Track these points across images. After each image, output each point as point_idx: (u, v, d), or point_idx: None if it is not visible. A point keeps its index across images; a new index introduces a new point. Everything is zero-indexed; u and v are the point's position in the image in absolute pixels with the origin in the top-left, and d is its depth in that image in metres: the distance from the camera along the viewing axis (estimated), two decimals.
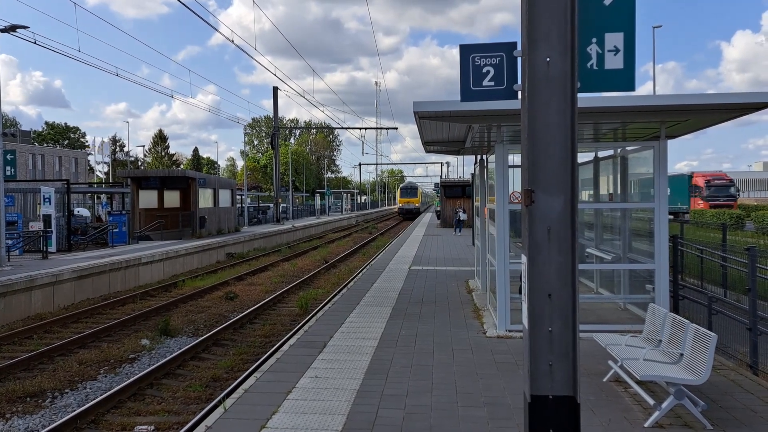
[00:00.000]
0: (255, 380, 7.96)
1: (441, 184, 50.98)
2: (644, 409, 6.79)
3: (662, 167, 10.11)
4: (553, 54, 4.23)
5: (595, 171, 13.86)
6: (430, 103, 9.95)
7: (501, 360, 8.88)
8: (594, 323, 10.43)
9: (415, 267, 20.33)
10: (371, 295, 14.44)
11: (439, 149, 18.30)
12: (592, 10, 4.45)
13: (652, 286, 10.43)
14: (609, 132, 12.16)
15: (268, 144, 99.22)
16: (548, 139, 4.32)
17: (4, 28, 19.17)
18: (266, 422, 6.46)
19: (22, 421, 8.99)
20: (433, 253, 25.54)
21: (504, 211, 10.42)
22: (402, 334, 10.51)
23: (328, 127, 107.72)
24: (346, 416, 6.65)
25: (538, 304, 4.48)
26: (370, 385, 7.74)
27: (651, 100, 10.18)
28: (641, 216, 12.09)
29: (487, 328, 10.79)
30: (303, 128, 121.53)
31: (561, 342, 4.50)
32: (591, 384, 7.59)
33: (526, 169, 4.38)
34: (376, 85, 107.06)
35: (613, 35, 4.48)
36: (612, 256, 12.92)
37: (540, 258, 4.43)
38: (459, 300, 13.95)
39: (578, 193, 4.43)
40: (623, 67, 4.53)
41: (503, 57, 4.90)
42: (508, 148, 10.62)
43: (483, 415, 6.72)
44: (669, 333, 7.48)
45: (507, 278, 10.36)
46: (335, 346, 9.64)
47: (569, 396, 4.47)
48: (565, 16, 4.22)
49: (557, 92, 4.26)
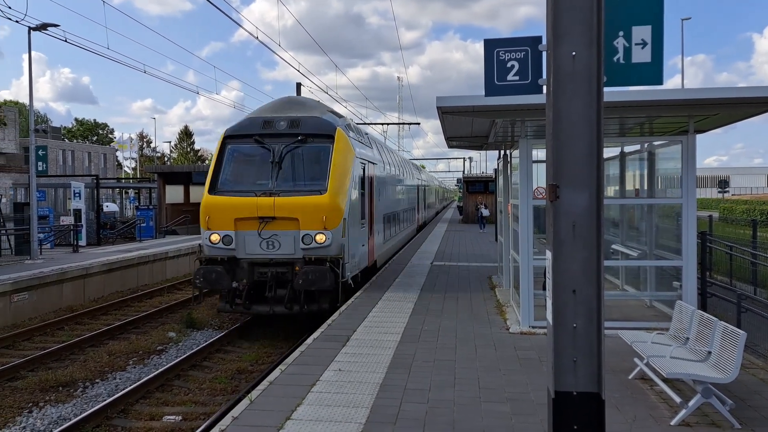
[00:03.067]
0: (280, 372, 8.04)
1: (463, 179, 50.79)
2: (670, 407, 6.72)
3: (691, 162, 9.95)
4: (579, 48, 4.21)
5: (622, 166, 13.70)
6: (453, 98, 9.93)
7: (524, 356, 8.84)
8: (619, 320, 10.33)
9: (437, 263, 20.31)
10: (394, 290, 14.47)
11: (461, 144, 18.23)
12: (619, 2, 4.41)
13: (679, 283, 10.28)
14: (635, 127, 12.00)
15: None
16: (573, 133, 4.29)
17: (36, 26, 19.53)
18: (291, 414, 6.53)
19: (55, 409, 9.21)
20: (456, 248, 25.48)
21: (528, 207, 10.36)
22: (424, 329, 10.53)
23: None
24: (369, 409, 6.69)
25: (562, 300, 4.46)
26: (393, 379, 7.77)
27: (679, 94, 10.03)
28: (668, 212, 11.93)
29: (510, 324, 10.75)
30: None
31: (585, 338, 4.48)
32: (616, 381, 7.53)
33: (551, 164, 4.36)
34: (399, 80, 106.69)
35: (641, 28, 4.43)
36: (638, 252, 12.77)
37: (565, 253, 4.41)
38: (482, 296, 13.91)
39: (603, 188, 4.40)
40: (651, 60, 4.48)
41: (528, 51, 4.88)
42: (532, 143, 10.55)
43: (506, 410, 6.71)
44: (696, 330, 7.39)
45: (530, 274, 10.31)
46: (358, 340, 9.70)
47: (594, 392, 4.46)
48: (591, 10, 4.19)
49: (583, 86, 4.23)
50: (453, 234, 33.72)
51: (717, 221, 24.06)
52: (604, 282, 4.54)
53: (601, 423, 4.45)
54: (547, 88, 4.34)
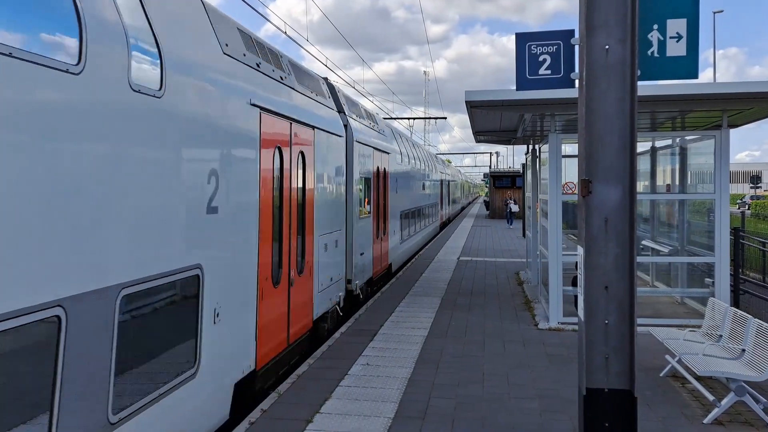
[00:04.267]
0: (308, 366, 8.10)
1: (490, 174, 50.50)
2: (702, 405, 6.62)
3: (724, 157, 9.78)
4: (612, 41, 4.16)
5: (652, 161, 13.50)
6: (481, 92, 9.88)
7: (553, 352, 8.78)
8: (650, 317, 10.22)
9: (463, 258, 20.25)
10: (420, 285, 14.46)
11: (489, 139, 18.13)
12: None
13: (712, 279, 10.12)
14: (667, 121, 11.82)
15: None
16: (606, 128, 4.25)
17: None
18: (320, 408, 6.58)
19: None
20: (482, 244, 25.37)
21: (557, 202, 10.27)
22: (452, 324, 10.51)
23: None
24: (397, 404, 6.71)
25: (594, 296, 4.43)
26: (420, 374, 7.78)
27: (712, 88, 9.86)
28: (698, 207, 11.74)
29: (538, 320, 10.68)
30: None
31: (617, 335, 4.45)
32: (647, 379, 7.44)
33: (584, 159, 4.32)
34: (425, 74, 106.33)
35: (676, 21, 4.36)
36: (669, 248, 12.58)
37: (597, 249, 4.38)
38: (509, 292, 13.84)
39: (636, 183, 4.35)
40: (686, 54, 4.41)
41: (560, 45, 4.83)
42: (561, 137, 10.45)
43: (535, 407, 6.68)
44: (730, 328, 7.27)
45: (559, 270, 10.23)
46: (385, 335, 9.72)
47: (626, 390, 4.42)
48: (625, 2, 4.13)
49: (616, 80, 4.18)
50: (479, 229, 33.58)
51: (749, 217, 23.55)
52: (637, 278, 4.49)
53: (633, 421, 4.42)
54: (580, 82, 4.30)
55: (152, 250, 4.65)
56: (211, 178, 5.59)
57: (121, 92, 4.25)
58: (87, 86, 3.89)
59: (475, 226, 35.99)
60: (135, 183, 4.42)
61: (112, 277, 4.13)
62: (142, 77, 4.51)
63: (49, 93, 3.62)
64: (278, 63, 8.15)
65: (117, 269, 4.18)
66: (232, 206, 6.09)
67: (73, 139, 3.82)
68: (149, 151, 4.63)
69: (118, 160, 4.23)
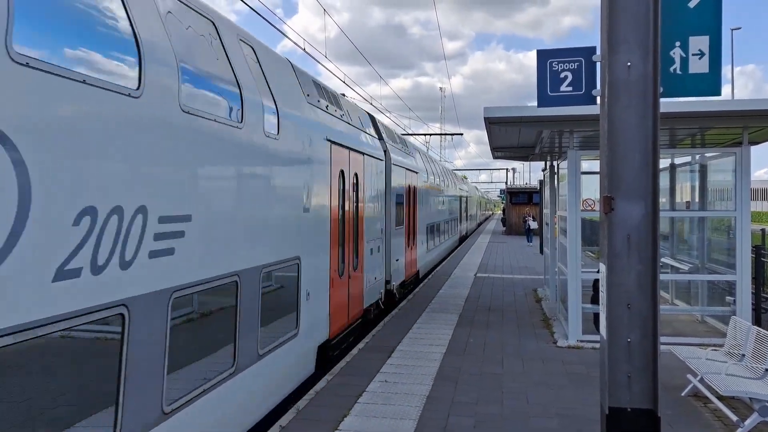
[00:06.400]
0: (326, 382, 8.09)
1: (506, 190, 50.36)
2: (725, 425, 6.51)
3: (745, 174, 9.69)
4: (634, 58, 4.16)
5: (672, 178, 13.40)
6: (500, 109, 9.91)
7: (573, 371, 8.70)
8: (670, 335, 10.08)
9: (480, 274, 20.16)
10: (437, 302, 14.41)
11: (507, 155, 18.12)
12: (676, 12, 4.34)
13: (733, 298, 9.98)
14: (686, 138, 11.75)
15: None
16: (628, 144, 4.24)
17: None
18: (338, 424, 6.56)
19: None
20: (499, 260, 25.25)
21: (576, 219, 10.22)
22: (470, 341, 10.45)
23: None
24: (416, 422, 6.67)
25: (616, 314, 4.40)
26: (439, 391, 7.73)
27: (734, 105, 9.81)
28: (718, 225, 11.61)
29: (557, 338, 10.58)
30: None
31: (640, 353, 4.40)
32: (668, 398, 7.33)
33: (605, 176, 4.31)
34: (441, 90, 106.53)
35: (698, 38, 4.35)
36: (689, 266, 12.45)
37: (619, 267, 4.35)
38: (527, 309, 13.74)
39: (659, 200, 4.33)
40: (708, 71, 4.39)
41: (582, 62, 4.84)
42: (580, 153, 10.42)
43: (555, 426, 6.61)
44: (753, 347, 7.16)
45: (578, 287, 10.15)
46: (403, 352, 9.69)
47: (649, 409, 4.37)
48: (647, 20, 4.14)
49: (638, 97, 4.18)
50: (496, 246, 33.43)
51: None
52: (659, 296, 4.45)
53: None
54: (602, 98, 4.30)
55: (282, 243, 6.93)
56: (303, 191, 7.72)
57: (262, 138, 6.37)
58: (246, 135, 5.93)
59: (492, 243, 35.84)
60: (273, 196, 6.72)
61: (262, 259, 6.32)
62: (270, 128, 6.58)
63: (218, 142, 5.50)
64: (338, 103, 10.29)
65: (262, 256, 6.32)
66: (316, 210, 8.21)
67: (241, 170, 5.93)
68: (277, 173, 6.83)
69: (268, 182, 6.58)
